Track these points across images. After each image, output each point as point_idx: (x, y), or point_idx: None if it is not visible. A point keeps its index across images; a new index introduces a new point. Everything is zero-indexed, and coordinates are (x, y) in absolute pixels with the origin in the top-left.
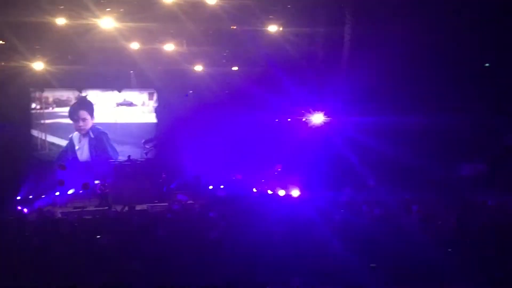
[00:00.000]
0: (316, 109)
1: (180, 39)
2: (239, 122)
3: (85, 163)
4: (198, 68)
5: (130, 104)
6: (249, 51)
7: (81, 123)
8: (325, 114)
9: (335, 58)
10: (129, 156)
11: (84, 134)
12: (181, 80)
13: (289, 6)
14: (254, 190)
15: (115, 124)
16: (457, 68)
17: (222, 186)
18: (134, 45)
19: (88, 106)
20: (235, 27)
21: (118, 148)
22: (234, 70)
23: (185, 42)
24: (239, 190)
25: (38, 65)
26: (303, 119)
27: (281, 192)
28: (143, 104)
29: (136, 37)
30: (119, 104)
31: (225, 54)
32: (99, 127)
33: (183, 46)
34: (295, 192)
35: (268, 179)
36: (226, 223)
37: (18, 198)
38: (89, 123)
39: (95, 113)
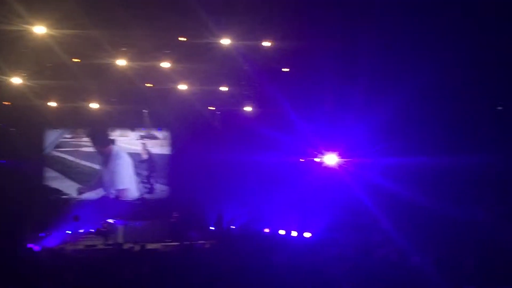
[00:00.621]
0: (329, 149)
1: (193, 79)
2: (252, 162)
3: (98, 200)
4: (211, 107)
5: (154, 137)
6: (261, 90)
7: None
8: (338, 155)
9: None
10: (141, 195)
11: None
12: (193, 119)
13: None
14: (267, 230)
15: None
16: (476, 108)
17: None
18: (148, 84)
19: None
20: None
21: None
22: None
23: (197, 82)
24: (251, 229)
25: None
26: (316, 160)
27: (294, 233)
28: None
29: (149, 77)
30: (143, 137)
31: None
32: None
33: (196, 86)
34: (307, 234)
35: (281, 219)
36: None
37: (31, 235)
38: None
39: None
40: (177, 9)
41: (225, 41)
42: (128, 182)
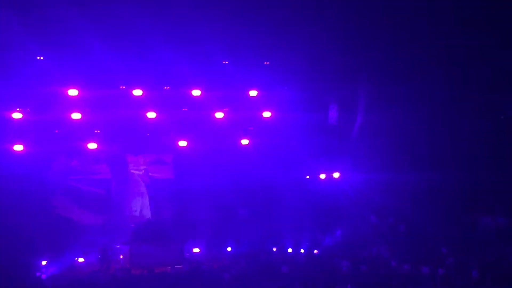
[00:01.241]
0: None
1: None
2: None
3: (102, 225)
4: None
5: (163, 163)
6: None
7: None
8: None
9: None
10: (148, 219)
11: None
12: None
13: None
14: (274, 249)
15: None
16: (469, 122)
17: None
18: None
19: None
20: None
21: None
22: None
23: None
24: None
25: None
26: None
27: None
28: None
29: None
30: (151, 162)
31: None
32: None
33: None
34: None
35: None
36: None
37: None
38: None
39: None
40: None
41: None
42: (138, 207)
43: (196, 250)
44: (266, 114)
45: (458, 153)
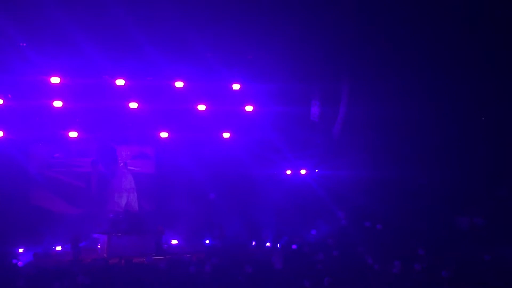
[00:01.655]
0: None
1: None
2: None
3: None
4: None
5: (146, 157)
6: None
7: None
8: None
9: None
10: (126, 209)
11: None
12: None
13: None
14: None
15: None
16: (453, 122)
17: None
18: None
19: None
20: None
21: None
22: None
23: None
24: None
25: None
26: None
27: None
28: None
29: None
30: (135, 157)
31: None
32: None
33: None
34: None
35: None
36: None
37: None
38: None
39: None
40: None
41: None
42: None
43: (174, 241)
44: (248, 108)
45: (439, 153)
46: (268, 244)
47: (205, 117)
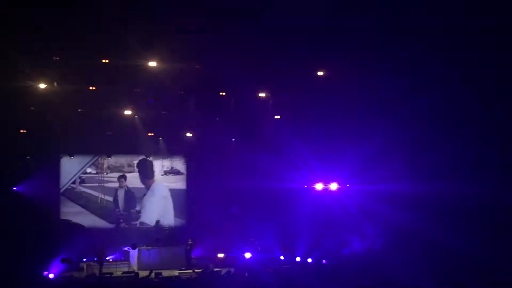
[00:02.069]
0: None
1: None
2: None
3: (113, 228)
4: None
5: (178, 173)
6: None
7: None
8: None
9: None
10: (157, 221)
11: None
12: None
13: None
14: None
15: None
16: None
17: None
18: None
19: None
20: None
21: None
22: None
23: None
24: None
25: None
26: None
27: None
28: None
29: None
30: (167, 172)
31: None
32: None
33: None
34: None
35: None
36: None
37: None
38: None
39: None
40: None
41: None
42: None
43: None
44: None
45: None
46: (298, 258)
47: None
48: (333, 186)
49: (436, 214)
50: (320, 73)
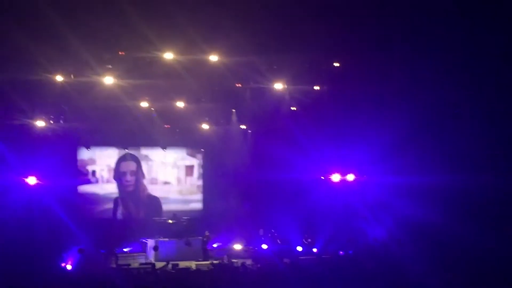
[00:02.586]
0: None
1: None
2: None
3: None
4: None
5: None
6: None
7: (128, 178)
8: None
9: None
10: (174, 214)
11: (131, 192)
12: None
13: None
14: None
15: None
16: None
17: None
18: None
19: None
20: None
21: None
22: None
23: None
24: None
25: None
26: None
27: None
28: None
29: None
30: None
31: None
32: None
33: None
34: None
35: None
36: None
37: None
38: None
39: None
40: None
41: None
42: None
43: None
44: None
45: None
46: (315, 249)
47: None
48: (350, 177)
49: (453, 207)
50: (336, 64)
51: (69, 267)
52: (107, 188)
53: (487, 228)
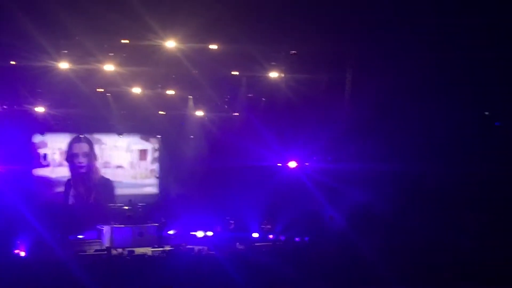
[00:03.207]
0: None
1: (181, 84)
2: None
3: (82, 207)
4: (200, 113)
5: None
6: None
7: (80, 159)
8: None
9: (337, 104)
10: (130, 200)
11: (84, 174)
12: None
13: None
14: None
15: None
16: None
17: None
18: (136, 90)
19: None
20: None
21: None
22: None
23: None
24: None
25: (39, 109)
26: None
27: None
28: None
29: (138, 82)
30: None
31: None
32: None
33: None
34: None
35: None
36: None
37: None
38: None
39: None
40: None
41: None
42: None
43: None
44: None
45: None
46: (270, 236)
47: None
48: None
49: (397, 194)
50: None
51: (22, 253)
52: (59, 171)
53: (436, 216)
